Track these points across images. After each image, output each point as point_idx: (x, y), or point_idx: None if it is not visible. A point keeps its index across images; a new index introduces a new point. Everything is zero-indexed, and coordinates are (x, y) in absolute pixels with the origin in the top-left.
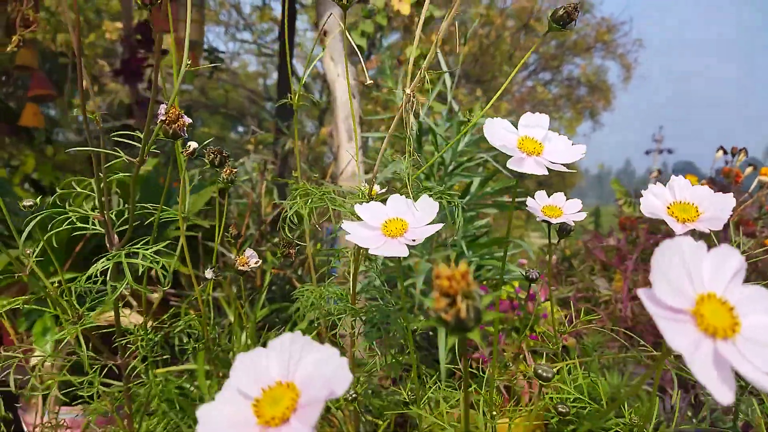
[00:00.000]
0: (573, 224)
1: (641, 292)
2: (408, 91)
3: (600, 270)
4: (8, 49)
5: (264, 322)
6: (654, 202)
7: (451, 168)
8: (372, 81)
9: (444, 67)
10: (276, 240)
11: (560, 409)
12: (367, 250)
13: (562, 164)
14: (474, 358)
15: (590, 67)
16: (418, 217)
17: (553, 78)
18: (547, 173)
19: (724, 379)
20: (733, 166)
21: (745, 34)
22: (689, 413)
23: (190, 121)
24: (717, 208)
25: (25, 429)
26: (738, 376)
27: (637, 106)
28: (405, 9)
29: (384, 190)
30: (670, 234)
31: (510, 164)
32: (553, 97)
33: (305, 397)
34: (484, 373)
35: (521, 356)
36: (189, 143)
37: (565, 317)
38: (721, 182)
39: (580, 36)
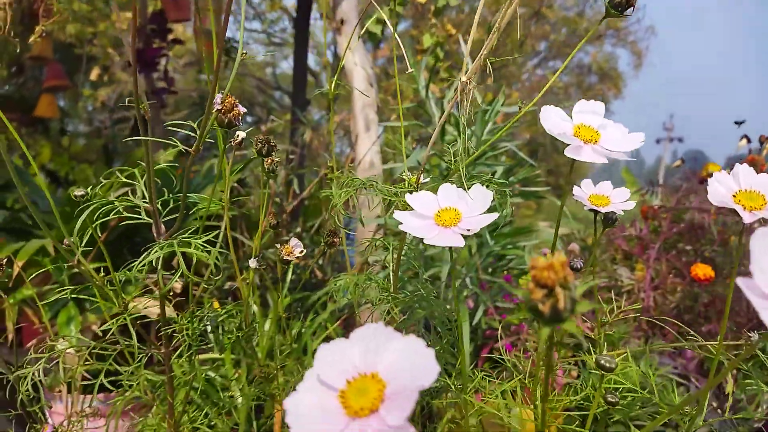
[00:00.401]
0: (621, 213)
1: (741, 282)
2: (464, 78)
3: (622, 259)
4: (31, 40)
5: (285, 313)
6: (720, 189)
7: (474, 158)
8: (381, 70)
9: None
10: (298, 230)
11: (609, 399)
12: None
13: (621, 152)
14: (496, 348)
15: (601, 54)
16: (471, 206)
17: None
18: (606, 162)
19: None
20: (759, 154)
21: (760, 22)
22: (714, 404)
23: (245, 110)
24: None
25: (50, 419)
26: None
27: (647, 95)
28: None
29: (428, 179)
30: (693, 223)
31: (568, 152)
32: (564, 85)
33: (392, 388)
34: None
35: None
36: (237, 133)
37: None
38: None
39: (591, 23)
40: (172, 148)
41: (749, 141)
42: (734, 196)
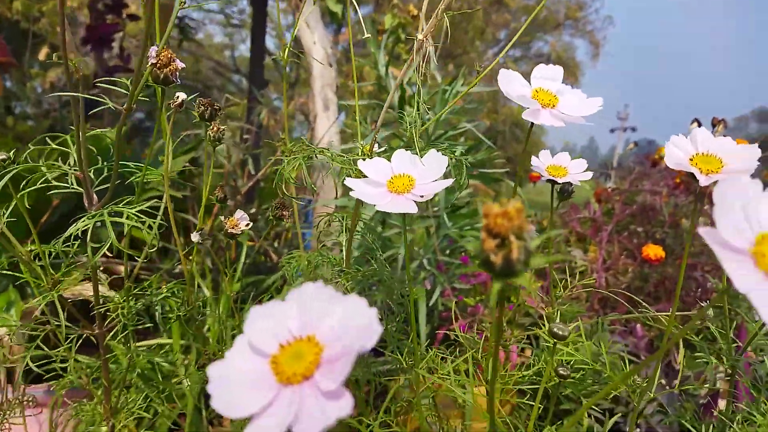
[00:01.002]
0: (577, 184)
1: (703, 232)
2: (420, 36)
3: (575, 241)
4: None
5: (237, 296)
6: (677, 153)
7: (434, 138)
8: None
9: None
10: (253, 210)
11: (561, 372)
12: (359, 215)
13: (579, 116)
14: (451, 328)
15: (559, 44)
16: (425, 172)
17: (523, 54)
18: (563, 125)
19: None
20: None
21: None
22: (663, 381)
23: (183, 65)
24: (741, 159)
25: None
26: None
27: (603, 84)
28: None
29: (382, 149)
30: (645, 205)
31: (526, 116)
32: (523, 73)
33: (331, 351)
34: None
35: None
36: (177, 94)
37: (542, 288)
38: None
39: (550, 12)
40: (102, 106)
41: (700, 124)
42: (691, 159)
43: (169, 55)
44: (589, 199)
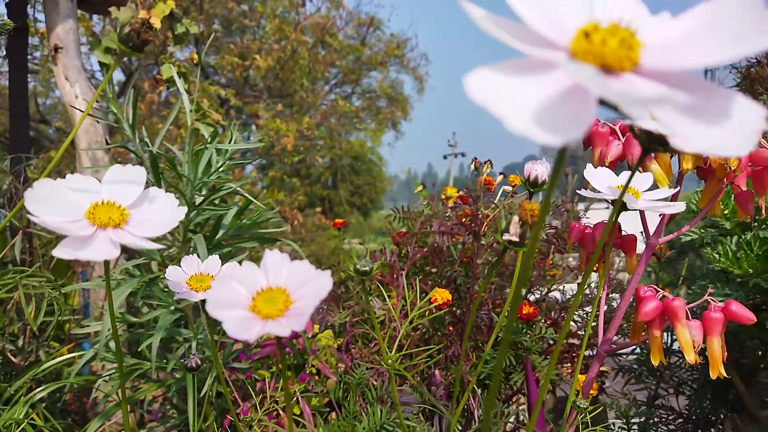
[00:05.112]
0: None
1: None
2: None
3: (376, 288)
4: None
5: None
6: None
7: (199, 201)
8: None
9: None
10: None
11: None
12: None
13: (149, 239)
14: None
15: (386, 80)
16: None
17: (353, 91)
18: (118, 254)
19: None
20: (480, 176)
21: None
22: (459, 428)
23: None
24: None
25: None
26: None
27: (433, 116)
28: (155, 23)
29: None
30: (434, 246)
31: (58, 252)
32: (356, 109)
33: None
34: None
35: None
36: None
37: (338, 347)
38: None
39: (373, 51)
40: None
41: (480, 164)
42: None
43: None
44: (385, 244)
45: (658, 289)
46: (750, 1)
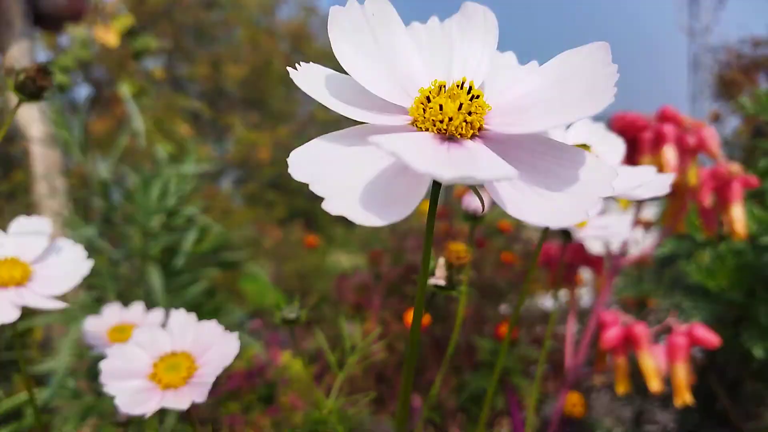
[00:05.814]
0: None
1: None
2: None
3: (351, 312)
4: None
5: None
6: None
7: (154, 231)
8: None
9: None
10: None
11: None
12: None
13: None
14: None
15: None
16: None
17: None
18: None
19: None
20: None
21: None
22: None
23: None
24: None
25: None
26: None
27: None
28: (112, 40)
29: None
30: (409, 265)
31: None
32: (336, 117)
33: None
34: None
35: None
36: None
37: (312, 377)
38: None
39: None
40: None
41: None
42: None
43: None
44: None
45: (623, 311)
46: (600, 58)
